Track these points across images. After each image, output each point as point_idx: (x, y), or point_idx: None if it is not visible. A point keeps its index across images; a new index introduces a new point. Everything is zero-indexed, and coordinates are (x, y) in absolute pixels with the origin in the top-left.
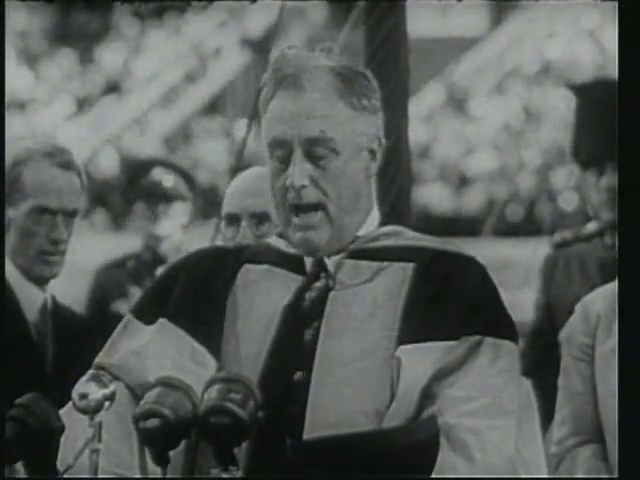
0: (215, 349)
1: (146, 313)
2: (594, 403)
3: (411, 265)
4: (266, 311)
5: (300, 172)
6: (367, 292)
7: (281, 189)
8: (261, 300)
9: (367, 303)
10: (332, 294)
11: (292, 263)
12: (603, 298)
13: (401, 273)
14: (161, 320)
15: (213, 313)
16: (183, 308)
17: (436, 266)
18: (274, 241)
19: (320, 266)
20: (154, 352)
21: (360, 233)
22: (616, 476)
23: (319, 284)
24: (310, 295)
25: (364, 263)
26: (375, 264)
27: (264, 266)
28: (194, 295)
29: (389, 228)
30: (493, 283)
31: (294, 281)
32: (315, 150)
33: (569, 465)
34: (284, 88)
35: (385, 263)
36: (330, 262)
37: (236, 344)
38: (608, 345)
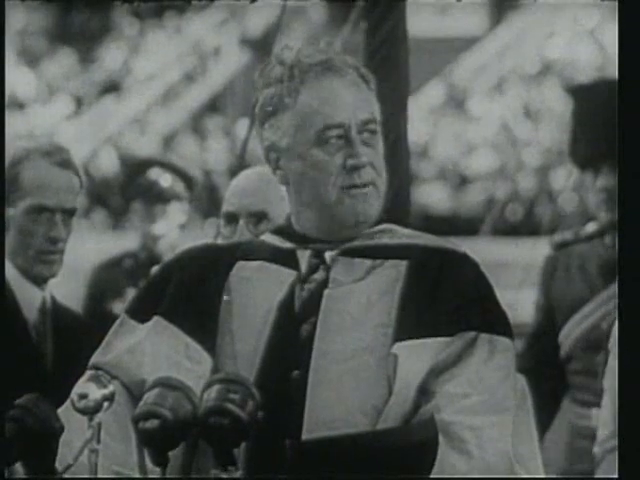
0: (210, 346)
1: (140, 312)
2: None
3: (404, 262)
4: (261, 307)
5: (361, 152)
6: (362, 290)
7: (338, 169)
8: (255, 296)
9: (362, 301)
10: (327, 292)
11: (285, 258)
12: None
13: (395, 270)
14: (155, 318)
15: (207, 310)
16: (177, 305)
17: (429, 263)
18: (268, 238)
19: (318, 258)
20: (149, 350)
21: None
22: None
23: (317, 276)
24: (309, 287)
25: (358, 261)
26: (369, 262)
27: (257, 262)
28: (188, 292)
29: (383, 226)
30: (487, 279)
31: (288, 276)
32: (366, 132)
33: (606, 467)
34: (317, 76)
35: (378, 261)
36: (327, 258)
37: (231, 341)
38: None
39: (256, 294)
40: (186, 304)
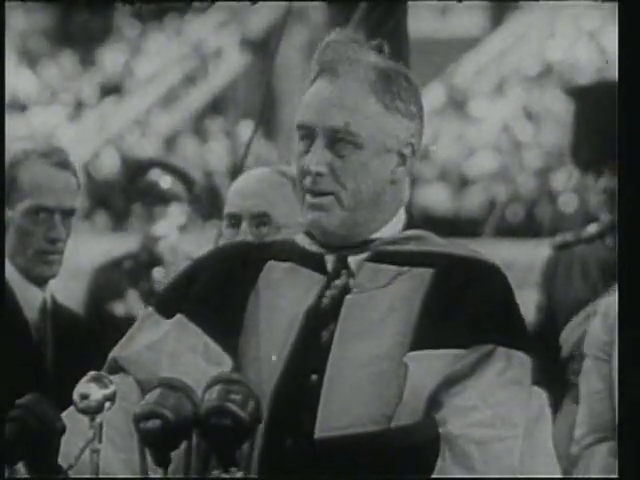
0: (231, 348)
1: (166, 307)
2: (611, 400)
3: (430, 271)
4: (289, 311)
5: (318, 159)
6: (383, 296)
7: (300, 171)
8: (284, 300)
9: (383, 307)
10: (349, 297)
11: (314, 262)
12: None
13: (419, 279)
14: (178, 316)
15: (232, 310)
16: (201, 304)
17: (455, 273)
18: (300, 239)
19: (342, 263)
20: (168, 348)
21: (384, 235)
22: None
23: (339, 282)
24: (331, 293)
25: (383, 267)
26: (394, 268)
27: (287, 264)
28: (214, 291)
29: (413, 232)
30: (512, 293)
31: (317, 281)
32: (337, 140)
33: (586, 463)
34: (321, 76)
35: (405, 268)
36: (351, 263)
37: (257, 343)
38: None
39: (285, 297)
40: (210, 303)
